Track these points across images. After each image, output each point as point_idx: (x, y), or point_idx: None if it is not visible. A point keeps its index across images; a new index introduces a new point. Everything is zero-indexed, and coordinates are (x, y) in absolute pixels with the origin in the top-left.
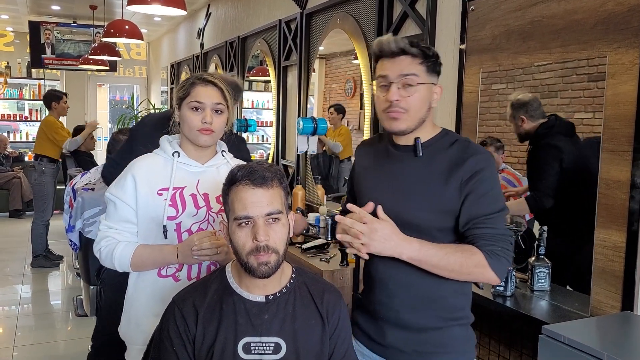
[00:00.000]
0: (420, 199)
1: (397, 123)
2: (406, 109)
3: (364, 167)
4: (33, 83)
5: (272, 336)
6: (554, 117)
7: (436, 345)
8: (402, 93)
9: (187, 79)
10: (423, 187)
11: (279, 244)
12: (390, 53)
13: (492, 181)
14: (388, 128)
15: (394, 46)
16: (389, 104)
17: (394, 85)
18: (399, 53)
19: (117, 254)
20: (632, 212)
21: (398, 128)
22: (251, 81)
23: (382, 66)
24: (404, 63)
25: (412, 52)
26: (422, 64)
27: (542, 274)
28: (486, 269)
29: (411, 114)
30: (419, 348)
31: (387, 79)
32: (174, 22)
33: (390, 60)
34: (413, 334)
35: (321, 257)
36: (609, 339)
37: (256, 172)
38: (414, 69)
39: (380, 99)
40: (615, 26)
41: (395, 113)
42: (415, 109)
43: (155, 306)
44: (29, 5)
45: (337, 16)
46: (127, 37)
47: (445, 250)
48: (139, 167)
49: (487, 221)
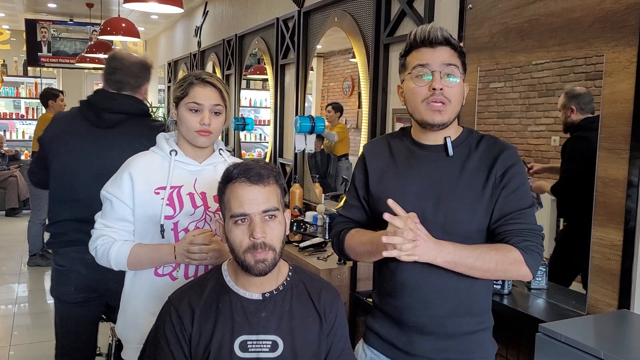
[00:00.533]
0: (461, 200)
1: (440, 115)
2: (449, 100)
3: (380, 169)
4: (29, 81)
5: (269, 334)
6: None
7: (465, 351)
8: (444, 83)
9: (184, 78)
10: (462, 188)
11: (276, 241)
12: (434, 41)
13: (523, 176)
14: (429, 120)
15: (440, 34)
16: (430, 94)
17: (436, 74)
18: (443, 43)
19: (113, 253)
20: (629, 210)
21: (441, 120)
22: (249, 79)
23: (420, 55)
24: (446, 54)
25: (454, 43)
26: (459, 57)
27: (539, 272)
28: (522, 266)
29: (452, 106)
30: (450, 355)
31: (430, 67)
32: (171, 20)
33: (431, 50)
34: (444, 341)
35: (318, 256)
36: (606, 337)
37: (252, 169)
38: (455, 61)
39: (421, 88)
40: (612, 24)
41: (439, 103)
42: (455, 101)
43: (152, 305)
44: (26, 3)
45: (335, 14)
46: (123, 35)
47: (479, 250)
48: (136, 165)
49: (520, 217)
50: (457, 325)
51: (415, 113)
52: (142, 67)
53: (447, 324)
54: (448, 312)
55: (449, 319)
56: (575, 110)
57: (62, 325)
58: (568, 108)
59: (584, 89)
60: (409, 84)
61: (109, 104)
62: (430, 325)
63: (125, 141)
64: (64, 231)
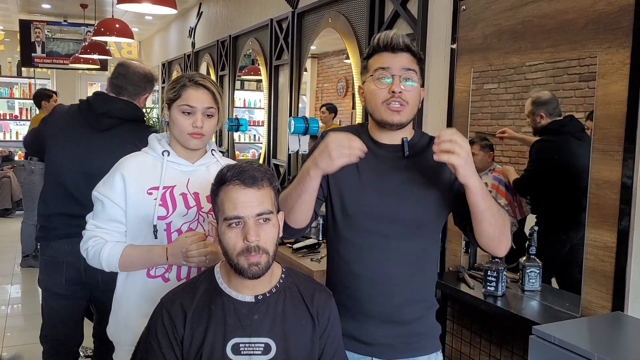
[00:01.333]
0: (416, 197)
1: (399, 116)
2: (407, 102)
3: None
4: (23, 82)
5: (262, 337)
6: (568, 117)
7: (417, 334)
8: (402, 87)
9: (177, 80)
10: (417, 185)
11: (270, 244)
12: (395, 47)
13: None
14: (389, 120)
15: (401, 41)
16: (390, 96)
17: (396, 78)
18: (404, 49)
19: (104, 255)
20: (622, 212)
21: (399, 120)
22: (243, 80)
23: (382, 59)
24: (406, 59)
25: (414, 51)
26: (418, 64)
27: (533, 274)
28: (509, 233)
29: (410, 108)
30: (407, 339)
31: (390, 70)
32: (165, 21)
33: (392, 55)
34: (400, 327)
35: (312, 257)
36: (600, 340)
37: (246, 171)
38: (414, 66)
39: (381, 90)
40: (605, 26)
41: (397, 105)
42: (413, 103)
43: (144, 306)
44: (20, 4)
45: (329, 15)
46: (117, 36)
47: (495, 204)
48: (128, 165)
49: None
50: (412, 311)
51: (375, 113)
52: (144, 78)
53: (404, 311)
54: (403, 300)
55: (404, 307)
56: (544, 116)
57: (49, 315)
58: (537, 115)
59: (548, 93)
60: (370, 85)
61: (107, 108)
62: (388, 314)
63: (118, 145)
64: (55, 225)
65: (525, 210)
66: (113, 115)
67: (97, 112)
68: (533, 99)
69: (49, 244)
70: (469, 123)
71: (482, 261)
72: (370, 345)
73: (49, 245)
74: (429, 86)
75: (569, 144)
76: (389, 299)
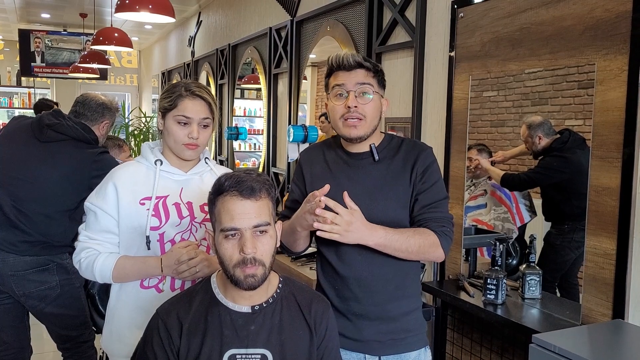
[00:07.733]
0: (387, 199)
1: (356, 130)
2: (364, 116)
3: (317, 175)
4: (23, 91)
5: (259, 347)
6: (567, 132)
7: (405, 330)
8: (359, 101)
9: (173, 88)
10: (388, 188)
11: (266, 256)
12: (347, 66)
13: (439, 172)
14: (347, 135)
15: (352, 60)
16: (346, 111)
17: (352, 94)
18: (356, 66)
19: (97, 266)
20: (622, 219)
21: (357, 134)
22: (243, 89)
23: (338, 77)
24: (360, 75)
25: (367, 65)
26: (374, 77)
27: (533, 281)
28: (438, 248)
29: (368, 121)
30: (395, 336)
31: (345, 87)
32: (164, 30)
33: (346, 73)
34: (388, 324)
35: (311, 266)
36: (600, 348)
37: (244, 182)
38: (369, 80)
39: (338, 106)
40: (603, 33)
41: (353, 120)
42: (371, 116)
43: (137, 318)
44: (19, 13)
45: (328, 23)
46: (116, 45)
47: (406, 234)
48: (120, 175)
49: (438, 206)
50: (398, 308)
51: (336, 128)
52: (102, 105)
53: (390, 308)
54: (388, 297)
55: (390, 304)
56: (542, 137)
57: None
58: (535, 136)
59: (539, 117)
60: (330, 102)
61: (54, 122)
62: (375, 312)
63: (60, 159)
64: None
65: (524, 217)
66: (58, 130)
67: (42, 123)
68: (527, 124)
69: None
70: (467, 130)
71: (482, 269)
72: (360, 342)
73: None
74: (428, 93)
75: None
76: (375, 297)
